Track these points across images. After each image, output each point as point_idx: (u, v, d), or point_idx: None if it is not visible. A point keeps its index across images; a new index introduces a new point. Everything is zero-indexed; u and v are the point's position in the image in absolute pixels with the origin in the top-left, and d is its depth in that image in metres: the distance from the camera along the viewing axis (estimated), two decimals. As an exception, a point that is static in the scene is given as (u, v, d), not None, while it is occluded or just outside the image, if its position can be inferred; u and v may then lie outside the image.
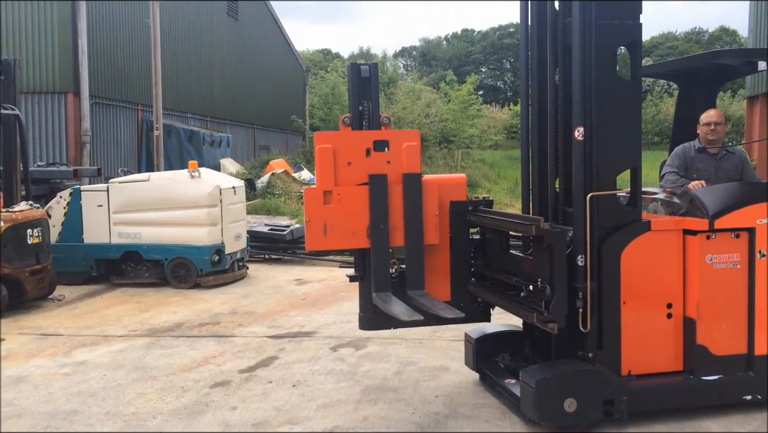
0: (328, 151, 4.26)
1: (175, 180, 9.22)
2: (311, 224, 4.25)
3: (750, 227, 4.31)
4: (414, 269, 4.41)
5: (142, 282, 9.12)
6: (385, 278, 4.35)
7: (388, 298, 4.26)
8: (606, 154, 4.20)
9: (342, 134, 4.39)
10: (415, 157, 4.38)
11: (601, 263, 4.20)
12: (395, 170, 4.33)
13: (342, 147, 4.29)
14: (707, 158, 5.07)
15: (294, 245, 11.08)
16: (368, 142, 4.33)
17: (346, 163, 4.28)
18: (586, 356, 4.22)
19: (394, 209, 4.32)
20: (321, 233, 4.24)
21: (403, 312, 4.03)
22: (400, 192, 4.34)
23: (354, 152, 4.30)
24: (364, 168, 4.29)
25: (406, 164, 4.35)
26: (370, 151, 4.32)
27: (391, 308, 4.11)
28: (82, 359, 5.96)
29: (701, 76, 5.45)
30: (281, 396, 4.95)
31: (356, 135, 4.37)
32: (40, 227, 8.04)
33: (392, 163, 4.33)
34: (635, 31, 4.22)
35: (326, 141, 4.29)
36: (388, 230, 4.31)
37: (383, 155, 4.33)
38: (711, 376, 4.31)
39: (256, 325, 7.08)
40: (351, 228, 4.28)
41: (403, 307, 4.12)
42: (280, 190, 17.31)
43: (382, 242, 4.31)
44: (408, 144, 4.36)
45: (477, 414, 4.53)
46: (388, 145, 4.35)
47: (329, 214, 4.25)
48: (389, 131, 4.44)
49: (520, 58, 4.87)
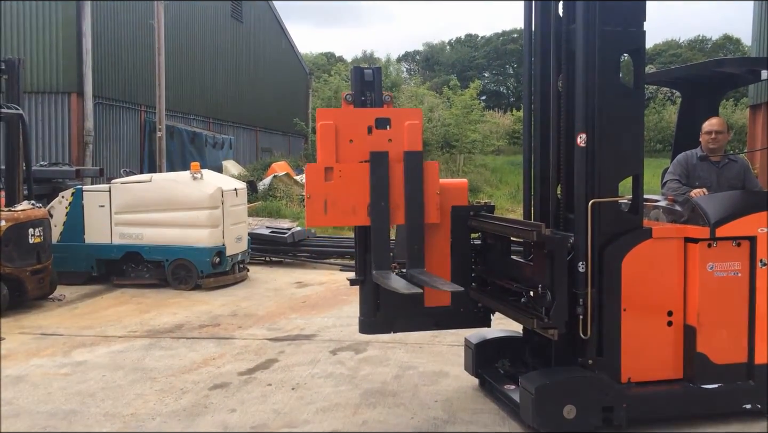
0: (330, 127, 4.25)
1: (177, 181, 9.23)
2: (312, 201, 4.24)
3: (751, 235, 4.31)
4: (414, 247, 4.38)
5: (143, 283, 9.12)
6: (386, 256, 4.32)
7: (388, 274, 4.24)
8: (608, 161, 4.20)
9: (344, 111, 4.37)
10: (417, 135, 4.36)
11: (602, 270, 4.20)
12: (397, 148, 4.31)
13: (344, 124, 4.28)
14: (709, 166, 5.07)
15: (295, 247, 11.09)
16: (370, 120, 4.31)
17: (347, 140, 4.27)
18: (586, 363, 4.22)
19: (395, 187, 4.30)
20: (321, 209, 4.23)
21: (402, 286, 4.02)
22: (402, 170, 4.31)
23: (356, 129, 4.29)
24: (365, 145, 4.28)
25: (407, 142, 4.33)
26: (371, 128, 4.30)
27: (391, 283, 4.09)
28: (82, 359, 5.96)
29: (704, 84, 5.45)
30: (280, 399, 4.95)
31: (358, 112, 4.35)
32: (42, 226, 8.05)
33: (394, 141, 4.32)
34: (639, 39, 4.22)
35: (328, 118, 4.29)
36: (389, 208, 4.28)
37: (385, 133, 4.32)
38: (711, 384, 4.31)
39: (256, 327, 7.08)
40: (351, 205, 4.26)
41: (402, 282, 4.10)
42: (282, 193, 17.33)
43: (383, 220, 4.28)
44: (410, 122, 4.35)
45: (476, 420, 4.52)
46: (390, 123, 4.34)
47: (330, 190, 4.23)
48: (391, 109, 4.43)
49: (524, 64, 4.88)
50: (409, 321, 4.68)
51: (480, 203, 4.80)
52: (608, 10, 4.15)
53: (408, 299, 4.57)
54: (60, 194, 9.45)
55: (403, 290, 3.96)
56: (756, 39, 16.11)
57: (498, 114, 40.83)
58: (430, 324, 4.77)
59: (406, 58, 68.48)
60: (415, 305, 4.60)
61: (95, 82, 14.85)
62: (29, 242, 7.83)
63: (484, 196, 18.80)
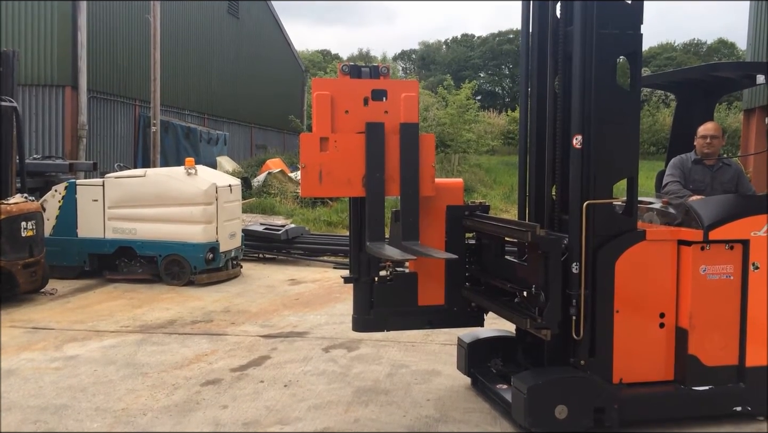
0: (326, 98, 4.24)
1: (171, 177, 9.20)
2: (307, 170, 4.22)
3: (744, 239, 4.33)
4: (409, 220, 4.36)
5: (136, 278, 9.09)
6: (380, 228, 4.30)
7: (382, 245, 4.23)
8: (603, 163, 4.21)
9: (340, 82, 4.35)
10: (413, 107, 4.34)
11: (595, 271, 4.21)
12: (393, 120, 4.30)
13: (340, 95, 4.27)
14: (703, 170, 5.09)
15: (289, 244, 11.08)
16: (366, 91, 4.30)
17: (343, 111, 4.26)
18: (578, 364, 4.23)
19: (390, 159, 4.29)
20: (316, 179, 4.22)
21: (396, 253, 4.02)
22: (397, 142, 4.30)
23: (352, 100, 4.28)
24: (361, 117, 4.27)
25: (403, 114, 4.32)
26: (368, 100, 4.29)
27: (384, 251, 4.09)
28: (73, 353, 5.94)
29: (700, 87, 5.47)
30: (272, 396, 4.95)
31: (354, 83, 4.33)
32: (35, 219, 8.01)
33: (390, 113, 4.31)
34: (636, 41, 4.23)
35: (324, 88, 4.28)
36: (384, 179, 4.27)
37: (381, 105, 4.31)
38: (702, 386, 4.32)
39: (248, 324, 7.07)
40: (347, 176, 4.25)
41: (396, 250, 4.11)
42: (276, 190, 17.29)
43: (378, 192, 4.27)
44: (406, 94, 4.34)
45: (468, 419, 4.53)
46: (386, 94, 4.32)
47: (325, 161, 4.22)
48: (388, 81, 4.40)
49: (520, 65, 4.89)
50: (402, 320, 4.68)
51: (475, 203, 4.81)
52: (605, 13, 4.16)
53: (401, 298, 4.57)
54: (53, 188, 9.42)
55: (397, 256, 3.97)
56: (751, 43, 16.19)
57: (493, 114, 40.84)
58: (423, 323, 4.78)
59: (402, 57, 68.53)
60: (409, 304, 4.61)
61: (90, 76, 14.79)
62: (21, 236, 7.79)
63: (478, 196, 18.80)
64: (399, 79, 4.93)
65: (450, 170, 24.30)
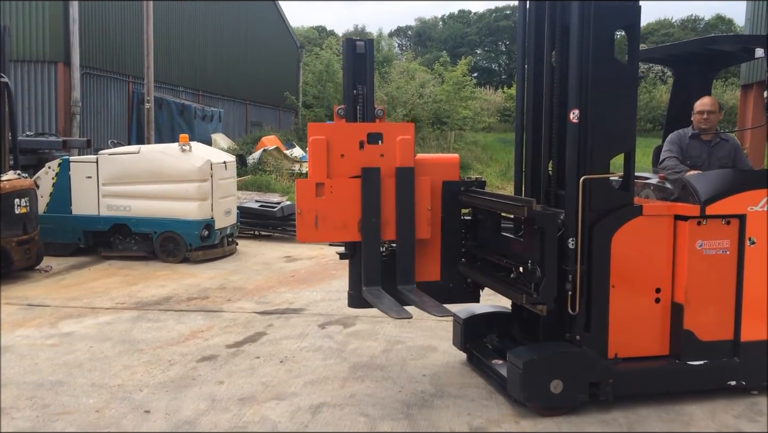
0: (322, 142, 4.24)
1: (166, 153, 9.14)
2: (303, 216, 4.25)
3: (741, 213, 4.32)
4: (405, 263, 4.42)
5: (131, 255, 9.08)
6: (376, 271, 4.36)
7: (378, 293, 4.29)
8: (600, 138, 4.18)
9: (336, 126, 4.38)
10: (409, 151, 4.37)
11: (591, 247, 4.20)
12: (388, 164, 4.33)
13: (336, 139, 4.28)
14: (700, 145, 5.07)
15: (284, 222, 11.05)
16: (362, 135, 4.31)
17: (339, 155, 4.28)
18: (573, 339, 4.24)
19: (386, 203, 4.33)
20: (312, 225, 4.25)
21: (392, 310, 4.06)
22: (393, 186, 4.34)
23: (347, 144, 4.29)
24: (357, 161, 4.29)
25: (399, 158, 4.34)
26: (363, 143, 4.31)
27: (381, 305, 4.15)
28: (69, 330, 5.94)
29: (697, 61, 5.42)
30: (268, 372, 4.95)
31: (350, 127, 4.36)
32: (28, 197, 7.98)
33: (385, 156, 4.33)
34: (634, 14, 4.17)
35: (320, 132, 4.28)
36: (380, 223, 4.31)
37: (377, 148, 4.33)
38: (696, 361, 4.34)
39: (244, 300, 7.07)
40: (342, 221, 4.29)
41: (393, 305, 4.15)
42: (272, 167, 17.23)
43: (374, 236, 4.32)
44: (402, 137, 4.35)
45: (463, 394, 4.55)
46: (381, 138, 4.34)
47: (321, 206, 4.24)
48: (383, 124, 4.43)
49: (517, 39, 4.84)
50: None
51: (471, 179, 4.79)
52: (604, -15, 4.10)
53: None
54: (47, 165, 9.36)
55: (394, 315, 4.00)
56: (750, 18, 16.08)
57: (489, 91, 40.65)
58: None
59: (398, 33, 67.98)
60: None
61: (83, 52, 14.61)
62: (15, 213, 7.76)
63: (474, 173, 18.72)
64: (394, 123, 4.94)
65: (446, 147, 24.25)
